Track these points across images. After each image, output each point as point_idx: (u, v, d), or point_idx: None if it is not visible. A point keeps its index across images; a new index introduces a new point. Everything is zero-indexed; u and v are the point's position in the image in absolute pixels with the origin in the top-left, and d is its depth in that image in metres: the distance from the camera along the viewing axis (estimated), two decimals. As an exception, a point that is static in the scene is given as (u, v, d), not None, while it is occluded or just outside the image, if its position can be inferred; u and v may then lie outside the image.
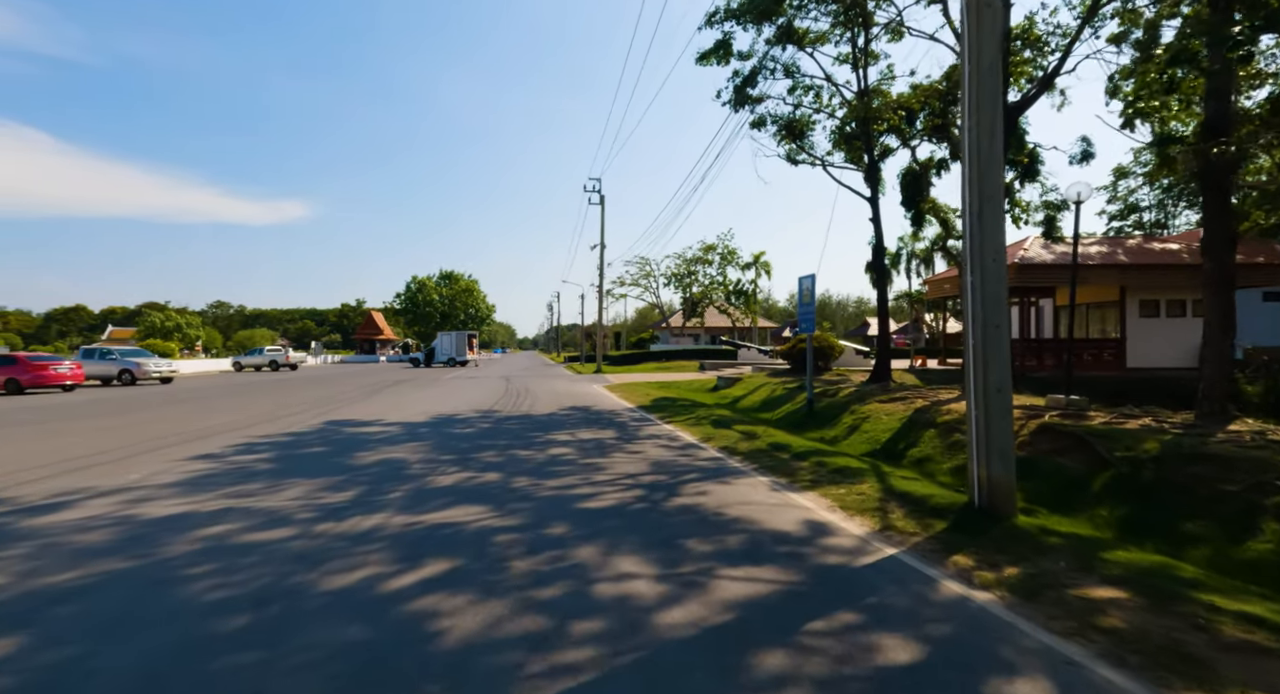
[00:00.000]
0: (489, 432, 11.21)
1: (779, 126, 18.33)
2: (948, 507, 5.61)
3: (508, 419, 13.31)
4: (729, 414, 14.77)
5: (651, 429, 11.80)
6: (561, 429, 11.61)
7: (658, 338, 70.44)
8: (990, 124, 5.25)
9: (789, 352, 22.52)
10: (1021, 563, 4.25)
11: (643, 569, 4.16)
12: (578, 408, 15.98)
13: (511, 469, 7.65)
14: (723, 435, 10.74)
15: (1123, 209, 46.55)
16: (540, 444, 9.74)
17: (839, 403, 13.85)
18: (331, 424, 12.29)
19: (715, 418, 13.36)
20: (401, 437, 10.49)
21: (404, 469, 7.59)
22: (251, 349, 48.62)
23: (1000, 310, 5.31)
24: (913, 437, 9.95)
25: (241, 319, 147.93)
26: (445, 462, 8.11)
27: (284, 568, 4.11)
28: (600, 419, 13.41)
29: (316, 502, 5.94)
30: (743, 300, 61.49)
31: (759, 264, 65.15)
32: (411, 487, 6.63)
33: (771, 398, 17.75)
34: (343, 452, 8.89)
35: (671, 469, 7.77)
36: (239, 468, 7.67)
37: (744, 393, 20.20)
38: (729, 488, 6.71)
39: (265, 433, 10.95)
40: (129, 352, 29.14)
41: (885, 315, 17.68)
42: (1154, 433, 7.52)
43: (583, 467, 7.88)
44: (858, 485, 6.74)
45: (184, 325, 77.67)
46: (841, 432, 11.79)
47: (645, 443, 9.98)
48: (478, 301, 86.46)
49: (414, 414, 14.14)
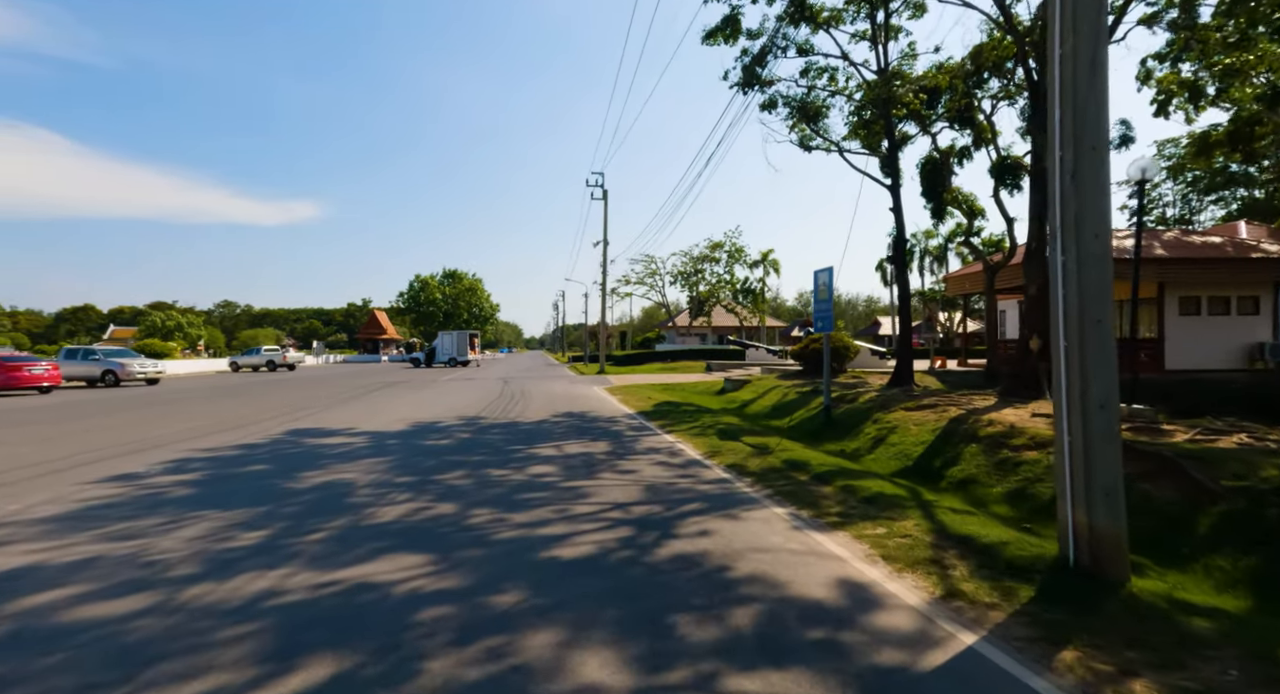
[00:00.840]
0: (466, 444, 9.93)
1: (792, 109, 16.95)
2: (1029, 561, 4.25)
3: (491, 428, 12.02)
4: (737, 422, 13.43)
5: (650, 441, 10.48)
6: (548, 441, 10.31)
7: (664, 337, 69.10)
8: (1091, 48, 3.89)
9: (801, 352, 21.15)
10: (1170, 668, 2.90)
11: (616, 677, 2.85)
12: (572, 414, 14.68)
13: (475, 496, 6.35)
14: (730, 449, 9.41)
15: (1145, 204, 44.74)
16: (519, 461, 8.44)
17: (860, 409, 12.47)
18: (294, 434, 11.05)
19: (722, 427, 12.03)
20: (363, 450, 9.22)
21: (346, 496, 6.31)
22: (249, 349, 47.66)
23: (1104, 302, 3.96)
24: (950, 452, 8.58)
25: (249, 318, 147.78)
26: (400, 485, 6.83)
27: (88, 677, 2.82)
28: (594, 428, 12.10)
29: (213, 548, 4.66)
30: (750, 299, 60.03)
31: (767, 262, 63.69)
32: (344, 523, 5.34)
33: (783, 403, 16.39)
34: (286, 471, 7.63)
35: (669, 496, 6.45)
36: (150, 495, 6.42)
37: (753, 397, 18.84)
38: (738, 525, 5.38)
39: (214, 444, 9.72)
40: (113, 352, 28.09)
41: (907, 313, 16.29)
42: (1262, 454, 6.13)
43: (563, 492, 6.57)
44: (899, 521, 5.39)
45: (185, 325, 76.98)
46: (865, 443, 10.42)
47: (641, 459, 8.66)
48: (481, 300, 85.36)
49: (390, 422, 12.88)
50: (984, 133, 19.80)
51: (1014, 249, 18.98)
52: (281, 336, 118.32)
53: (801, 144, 18.10)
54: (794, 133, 18.55)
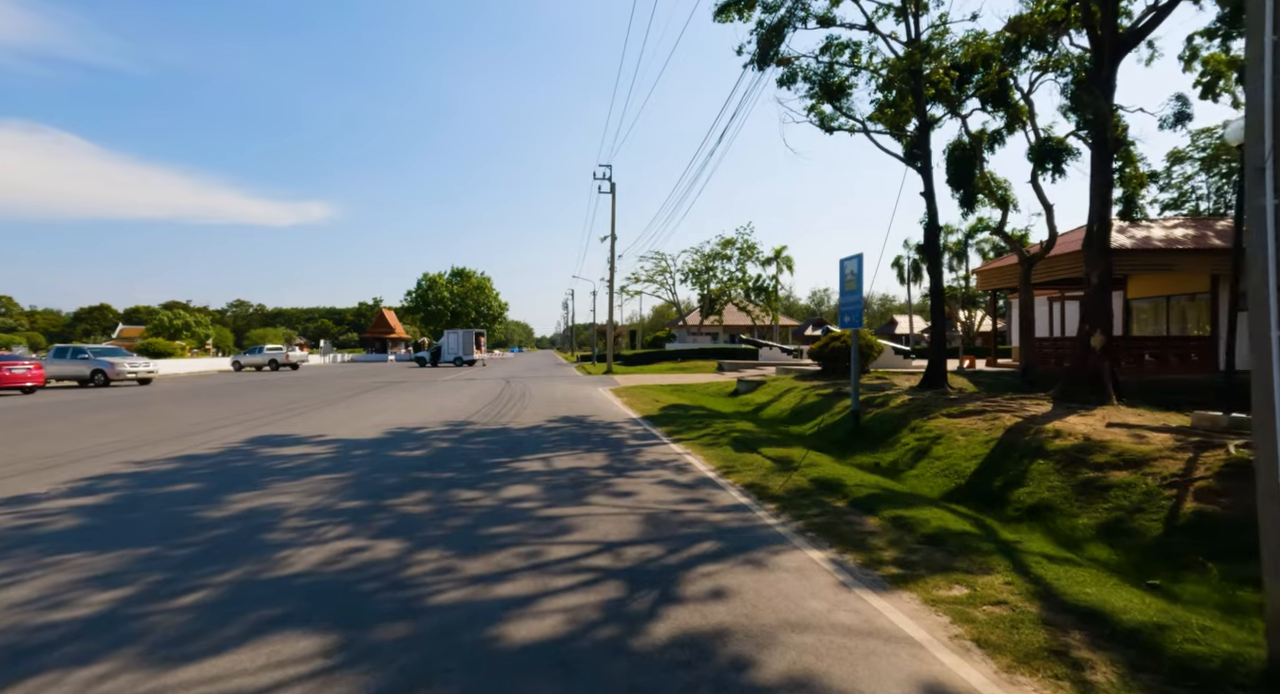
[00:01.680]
0: (441, 456, 8.62)
1: (812, 83, 15.49)
2: (1215, 665, 2.84)
3: (477, 436, 10.72)
4: (753, 428, 12.02)
5: (655, 452, 9.12)
6: (537, 452, 8.98)
7: (674, 337, 67.71)
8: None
9: (820, 351, 19.68)
10: None
11: None
12: (571, 418, 13.35)
13: (429, 531, 5.03)
14: (748, 463, 8.02)
15: (1177, 197, 42.84)
16: (496, 479, 7.11)
17: (893, 415, 11.04)
18: (253, 443, 9.80)
19: (737, 434, 10.64)
20: (321, 464, 7.93)
21: (266, 530, 5.01)
22: (251, 348, 46.83)
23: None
24: (1013, 470, 7.14)
25: (261, 318, 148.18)
26: (341, 514, 5.52)
27: None
28: (592, 436, 10.75)
29: (28, 622, 3.37)
30: (763, 297, 58.47)
31: (780, 259, 62.05)
32: (239, 574, 4.04)
33: (802, 406, 14.96)
34: (214, 493, 6.35)
35: (673, 531, 5.09)
36: (22, 527, 5.15)
37: (769, 399, 17.42)
38: (765, 580, 4.01)
39: (153, 456, 8.49)
40: (103, 351, 27.16)
41: (940, 308, 14.79)
42: None
43: (539, 525, 5.24)
44: (982, 575, 4.00)
45: (193, 324, 76.64)
46: (903, 456, 8.99)
47: (642, 477, 7.30)
48: (489, 299, 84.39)
49: (368, 427, 11.62)
50: (1019, 114, 18.25)
51: (1053, 239, 17.42)
52: (293, 336, 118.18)
53: (822, 124, 16.65)
54: (813, 115, 17.11)
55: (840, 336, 19.49)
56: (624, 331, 79.37)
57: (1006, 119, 18.60)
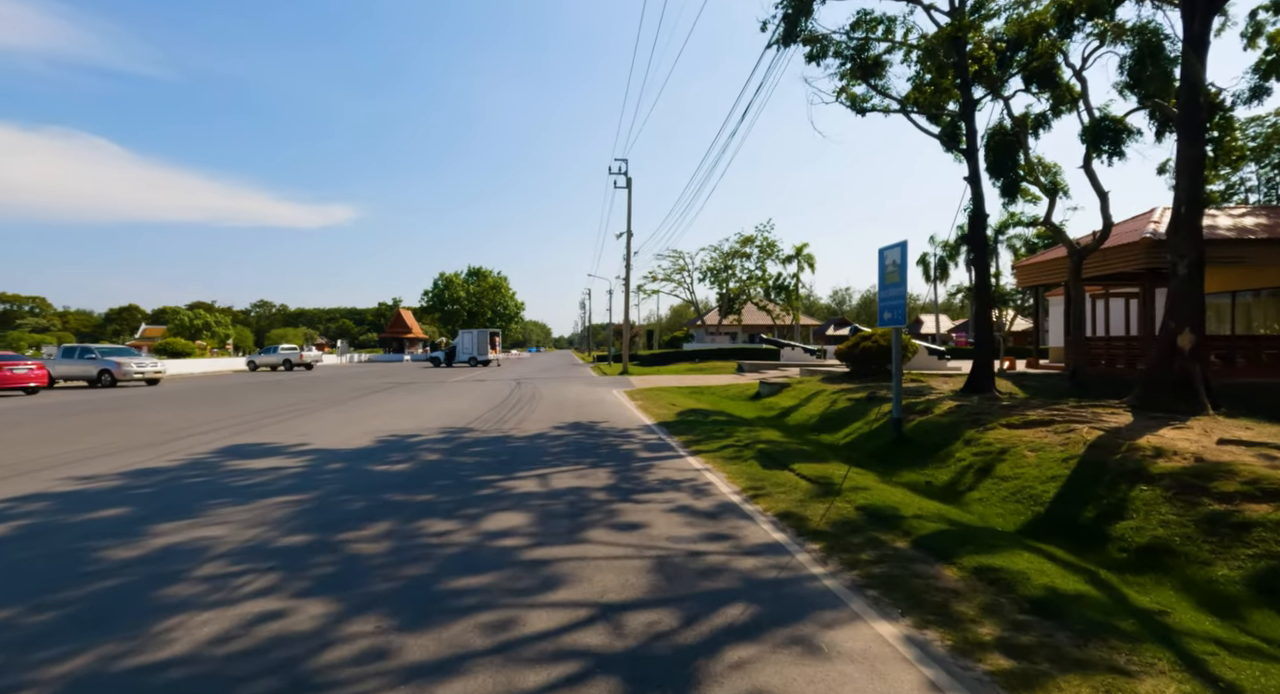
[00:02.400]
0: (426, 471, 7.53)
1: (844, 59, 14.18)
2: None
3: (473, 445, 9.62)
4: (780, 438, 10.77)
5: (669, 467, 7.94)
6: (535, 467, 7.85)
7: (691, 337, 66.42)
8: None
9: (850, 352, 18.33)
10: None
11: None
12: (579, 425, 12.22)
13: (374, 584, 3.91)
14: (779, 484, 6.81)
15: (1224, 190, 40.55)
16: (482, 503, 5.98)
17: (940, 424, 9.73)
18: (222, 454, 8.81)
19: (763, 445, 9.41)
20: (283, 482, 6.88)
21: (168, 581, 3.92)
22: (266, 348, 46.55)
23: None
24: (1107, 497, 5.84)
25: (283, 318, 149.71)
26: (274, 554, 4.43)
27: None
28: (599, 446, 9.60)
29: None
30: (783, 296, 56.91)
31: (801, 256, 60.42)
32: (86, 662, 2.93)
33: (833, 412, 13.67)
34: (140, 522, 5.31)
35: (691, 587, 3.91)
36: (-124, 570, 4.15)
37: (794, 403, 16.13)
38: (821, 678, 2.82)
39: (105, 469, 7.52)
40: (110, 351, 26.69)
41: (987, 304, 13.37)
42: None
43: (520, 575, 4.09)
44: (1144, 680, 2.77)
45: (213, 323, 77.12)
46: (961, 475, 7.70)
47: (654, 502, 6.13)
48: (505, 299, 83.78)
49: (358, 434, 10.61)
50: (1068, 94, 16.78)
51: (1107, 229, 15.87)
52: (314, 335, 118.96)
53: (854, 105, 15.33)
54: (843, 97, 15.79)
55: (871, 336, 18.14)
56: (641, 331, 78.19)
57: (1052, 100, 17.14)
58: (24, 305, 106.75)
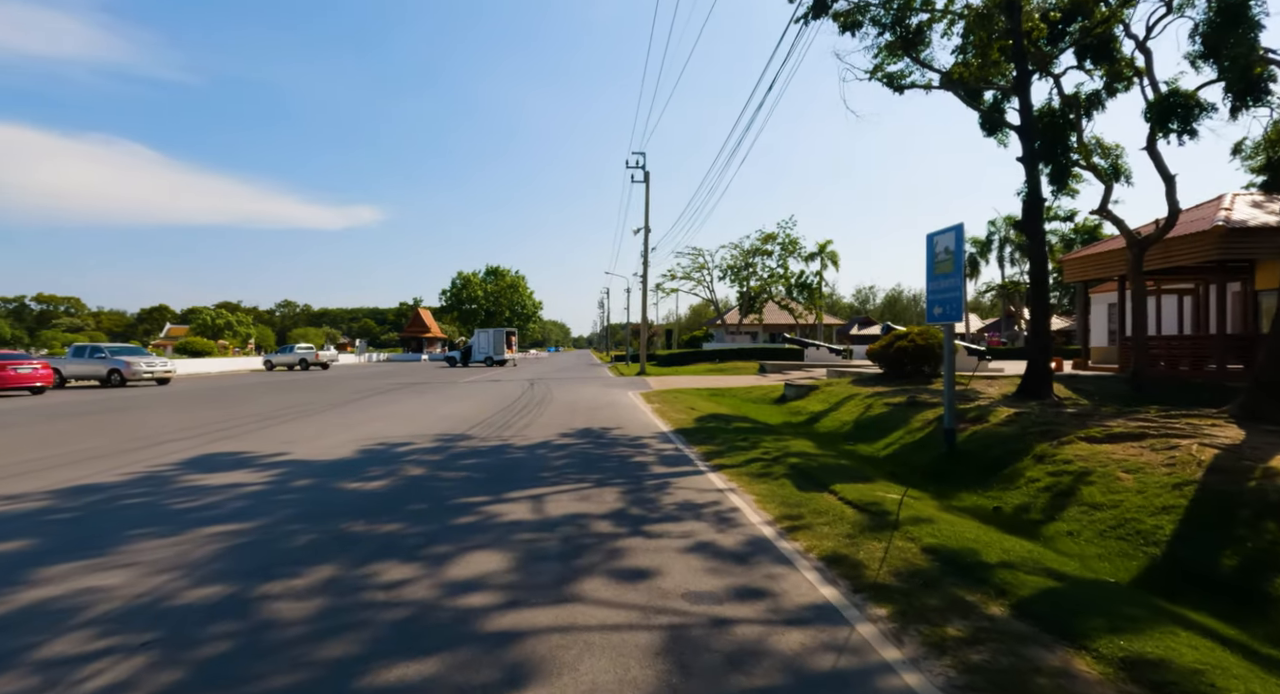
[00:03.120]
0: (403, 491, 6.47)
1: (882, 28, 12.86)
2: None
3: (466, 456, 8.56)
4: (813, 449, 9.54)
5: (688, 486, 6.79)
6: (531, 485, 6.75)
7: (711, 336, 65.10)
8: None
9: (884, 352, 16.97)
10: None
11: None
12: (590, 431, 11.12)
13: (273, 678, 2.82)
14: (819, 511, 5.62)
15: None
16: (456, 537, 4.89)
17: (998, 436, 8.44)
18: (185, 466, 7.87)
19: (795, 459, 8.19)
20: (231, 506, 5.86)
21: (3, 663, 2.90)
22: (282, 347, 46.32)
23: None
24: (1252, 539, 4.54)
25: (307, 318, 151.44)
26: (165, 618, 3.37)
27: None
28: (608, 458, 8.47)
29: None
30: (806, 295, 55.30)
31: (824, 254, 58.77)
32: None
33: (868, 418, 12.38)
34: (42, 557, 4.31)
35: (716, 684, 2.76)
36: None
37: (824, 408, 14.86)
38: None
39: (39, 486, 6.58)
40: (120, 350, 26.31)
41: (1044, 297, 11.95)
42: None
43: (477, 663, 2.97)
44: None
45: (235, 323, 77.71)
46: (1035, 499, 6.43)
47: (669, 534, 4.98)
48: (523, 298, 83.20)
49: (344, 442, 9.63)
50: (1126, 67, 15.30)
51: (1173, 218, 14.34)
52: (337, 335, 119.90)
53: (890, 82, 14.00)
54: (876, 78, 14.47)
55: (907, 334, 16.76)
56: (659, 331, 77.02)
57: (1107, 77, 15.65)
58: (60, 306, 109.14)
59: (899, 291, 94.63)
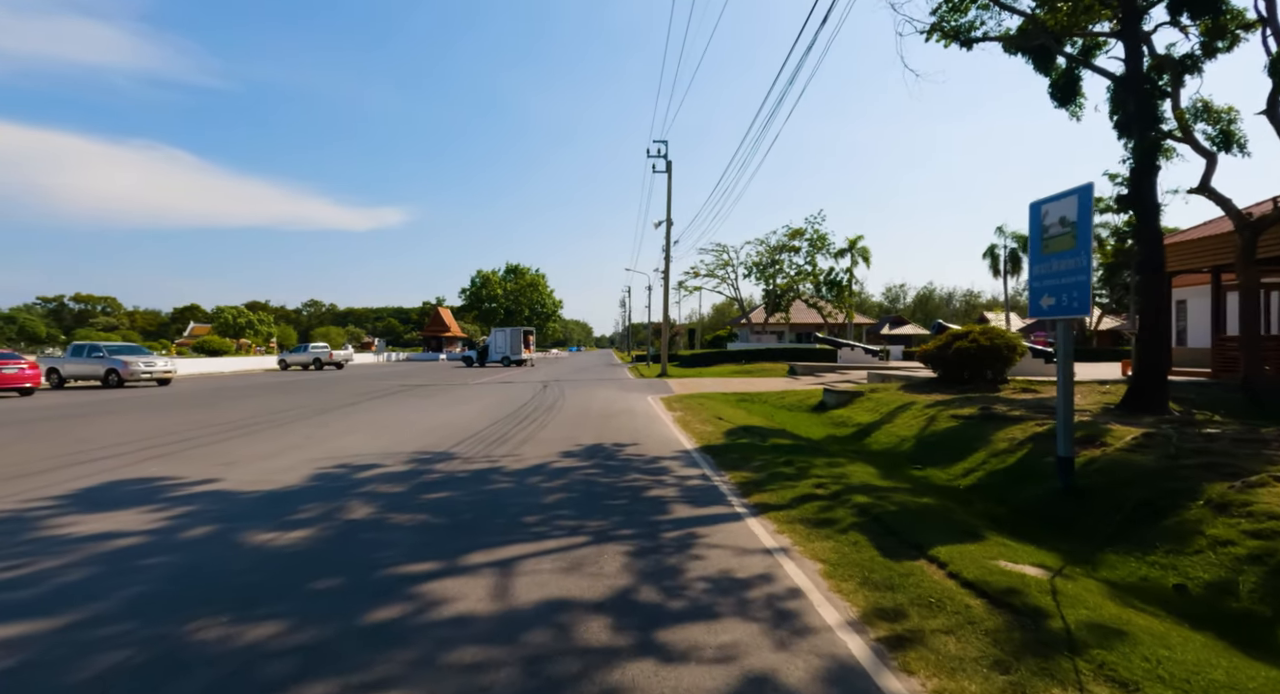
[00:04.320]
0: (331, 545, 4.66)
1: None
2: None
3: (435, 487, 6.73)
4: (879, 480, 7.49)
5: (723, 540, 4.86)
6: (506, 538, 4.88)
7: (735, 336, 62.90)
8: None
9: (940, 353, 14.81)
10: None
11: None
12: (599, 448, 9.25)
13: None
14: (924, 595, 3.66)
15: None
16: (349, 663, 3.02)
17: (1131, 468, 6.34)
18: (78, 497, 6.16)
19: (859, 494, 6.16)
20: (53, 581, 4.09)
21: None
22: (296, 347, 45.36)
23: None
24: None
25: (332, 317, 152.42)
26: None
27: None
28: (617, 492, 6.56)
29: None
30: (835, 292, 52.75)
31: (855, 250, 56.18)
32: None
33: (933, 434, 10.30)
34: None
35: None
36: None
37: (874, 419, 12.77)
38: None
39: None
40: (120, 348, 25.22)
41: (1161, 287, 9.72)
42: None
43: None
44: None
45: (256, 322, 77.63)
46: (1239, 574, 4.35)
47: (698, 647, 3.06)
48: (543, 296, 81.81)
49: (300, 463, 7.89)
50: (1233, 20, 12.95)
51: (1299, 194, 11.94)
52: (361, 334, 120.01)
53: (957, 35, 11.85)
54: (937, 34, 12.33)
55: (968, 333, 14.57)
56: (682, 330, 74.89)
57: (1205, 38, 13.30)
58: (97, 305, 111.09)
59: (930, 289, 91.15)
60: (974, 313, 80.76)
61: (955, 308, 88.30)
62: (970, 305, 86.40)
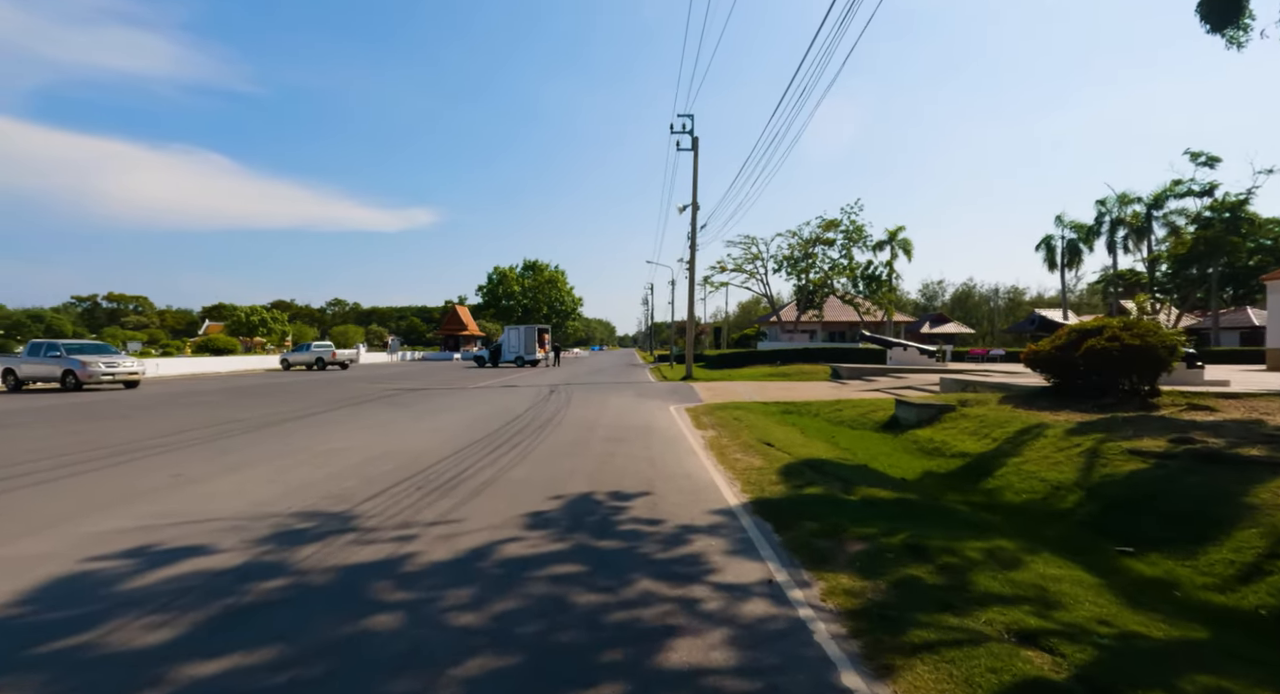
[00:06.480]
0: None
1: None
2: None
3: (247, 624, 3.38)
4: (1093, 594, 3.90)
5: None
6: None
7: (764, 335, 59.04)
8: None
9: (1059, 356, 11.09)
10: None
11: None
12: (591, 506, 5.84)
13: None
14: None
15: None
16: None
17: None
18: None
19: (1086, 644, 2.68)
20: None
21: None
22: (298, 346, 42.82)
23: None
24: None
25: (355, 316, 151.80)
26: None
27: None
28: (605, 642, 3.13)
29: None
30: (873, 288, 48.54)
31: (895, 242, 51.87)
32: None
33: (1107, 483, 6.61)
34: None
35: None
36: None
37: (983, 448, 9.12)
38: None
39: None
40: (79, 346, 22.52)
41: None
42: None
43: None
44: None
45: (269, 320, 75.96)
46: None
47: None
48: (563, 293, 78.75)
49: (84, 542, 4.65)
50: None
51: None
52: (383, 333, 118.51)
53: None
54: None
55: (1105, 329, 10.78)
56: (707, 329, 71.05)
57: None
58: (129, 304, 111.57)
59: (970, 285, 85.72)
60: (1020, 311, 75.48)
61: (1001, 306, 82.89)
62: (1017, 303, 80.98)
